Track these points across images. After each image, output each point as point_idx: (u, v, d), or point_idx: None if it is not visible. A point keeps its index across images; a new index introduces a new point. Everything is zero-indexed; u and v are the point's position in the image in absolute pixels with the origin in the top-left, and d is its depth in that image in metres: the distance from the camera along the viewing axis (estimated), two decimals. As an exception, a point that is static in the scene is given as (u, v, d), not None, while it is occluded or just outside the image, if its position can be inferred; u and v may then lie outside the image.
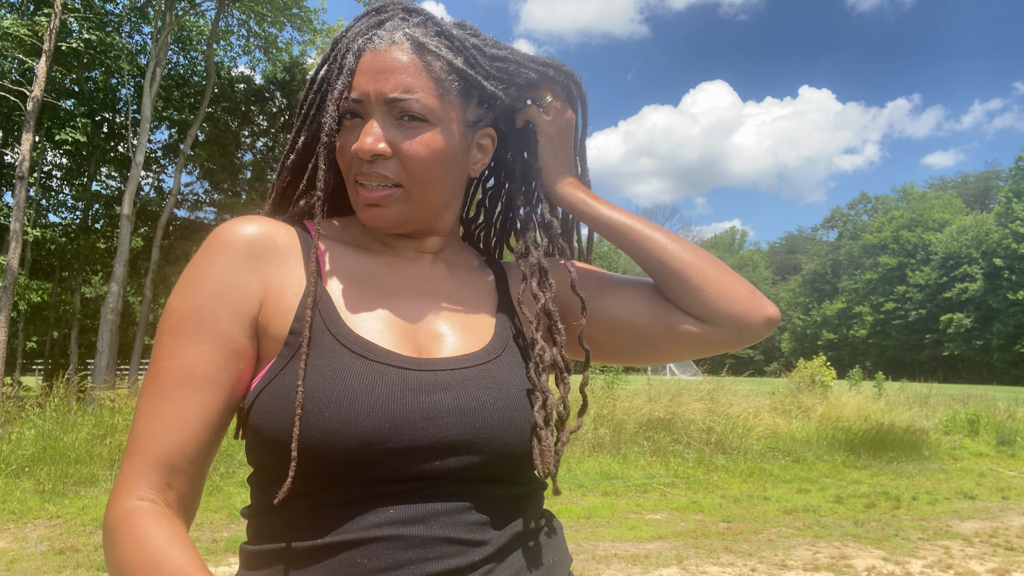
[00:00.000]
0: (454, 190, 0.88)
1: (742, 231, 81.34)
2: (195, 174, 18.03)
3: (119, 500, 0.72)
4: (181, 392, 0.75)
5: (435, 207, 0.86)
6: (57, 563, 4.20)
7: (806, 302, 67.73)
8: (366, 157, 0.80)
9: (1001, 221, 50.85)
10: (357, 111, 0.82)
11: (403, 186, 0.82)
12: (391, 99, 0.79)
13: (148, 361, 0.85)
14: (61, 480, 5.99)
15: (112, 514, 0.72)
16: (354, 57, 0.82)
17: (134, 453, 0.74)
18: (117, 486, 0.73)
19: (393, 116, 0.80)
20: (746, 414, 9.30)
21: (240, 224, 0.80)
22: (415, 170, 0.81)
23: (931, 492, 6.99)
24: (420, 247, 0.90)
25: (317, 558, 0.73)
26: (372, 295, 0.83)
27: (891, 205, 67.23)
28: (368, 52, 0.82)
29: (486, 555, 0.75)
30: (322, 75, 0.86)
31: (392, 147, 0.80)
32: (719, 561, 4.58)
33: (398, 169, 0.81)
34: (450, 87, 0.82)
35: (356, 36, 0.84)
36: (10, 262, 10.53)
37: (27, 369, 20.97)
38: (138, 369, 15.08)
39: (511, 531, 0.79)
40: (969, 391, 17.18)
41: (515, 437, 0.79)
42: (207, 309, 0.76)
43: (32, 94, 10.98)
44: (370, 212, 0.83)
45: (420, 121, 0.80)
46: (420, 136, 0.80)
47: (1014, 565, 4.63)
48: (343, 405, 0.72)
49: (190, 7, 14.66)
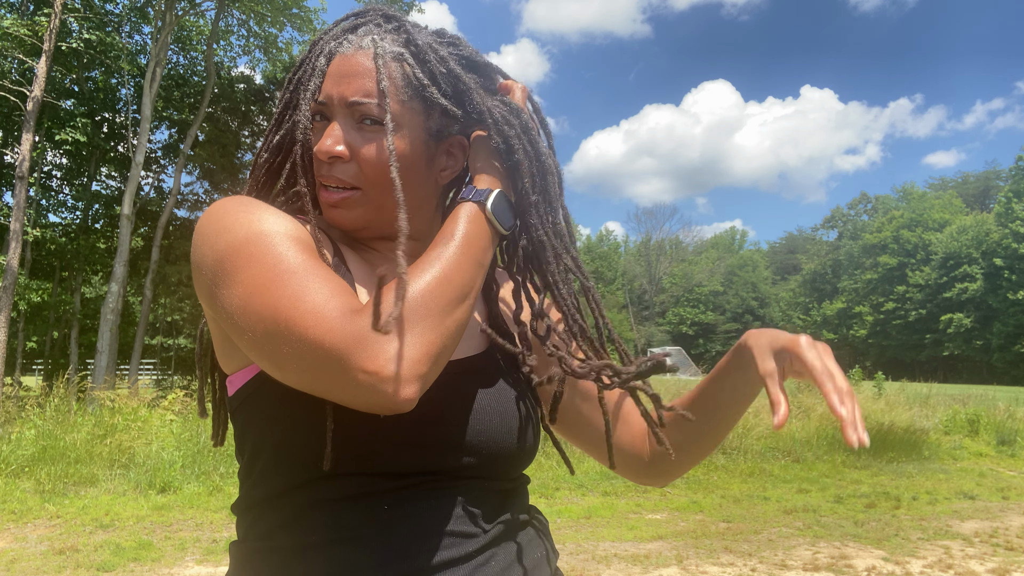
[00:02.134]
0: (419, 196, 0.87)
1: (742, 231, 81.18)
2: (195, 174, 18.02)
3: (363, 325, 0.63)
4: (326, 269, 0.70)
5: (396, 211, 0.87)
6: (57, 563, 4.20)
7: (806, 302, 67.72)
8: (324, 159, 0.81)
9: (1001, 221, 50.84)
10: (324, 113, 0.83)
11: (361, 189, 0.83)
12: (351, 102, 0.81)
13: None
14: (61, 480, 5.99)
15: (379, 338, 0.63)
16: (325, 60, 0.84)
17: (329, 295, 0.66)
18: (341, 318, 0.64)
19: (355, 119, 0.81)
20: (746, 414, 9.30)
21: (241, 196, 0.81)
22: (372, 174, 0.81)
23: (931, 492, 6.99)
24: (392, 247, 0.90)
25: (312, 554, 0.73)
26: (370, 294, 0.84)
27: (891, 205, 67.20)
28: (338, 56, 0.83)
29: (480, 545, 0.77)
30: (298, 76, 0.87)
31: (351, 150, 0.81)
32: (719, 561, 4.58)
33: (356, 172, 0.82)
34: (411, 95, 0.82)
35: (330, 39, 0.85)
36: (10, 262, 10.53)
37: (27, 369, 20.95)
38: (138, 369, 15.08)
39: (501, 523, 0.81)
40: (969, 391, 17.17)
41: (510, 439, 0.82)
42: (290, 227, 0.74)
43: (32, 94, 10.97)
44: (331, 213, 0.84)
45: (379, 126, 0.81)
46: (379, 140, 0.81)
47: (1014, 565, 4.63)
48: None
49: (190, 7, 14.65)
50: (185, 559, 4.37)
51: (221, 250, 0.72)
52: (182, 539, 4.73)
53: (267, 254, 0.69)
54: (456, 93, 0.84)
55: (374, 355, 0.62)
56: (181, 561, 4.33)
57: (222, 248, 0.72)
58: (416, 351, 0.64)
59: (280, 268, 0.68)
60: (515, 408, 0.84)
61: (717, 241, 77.97)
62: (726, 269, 68.53)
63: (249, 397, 0.77)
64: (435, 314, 0.67)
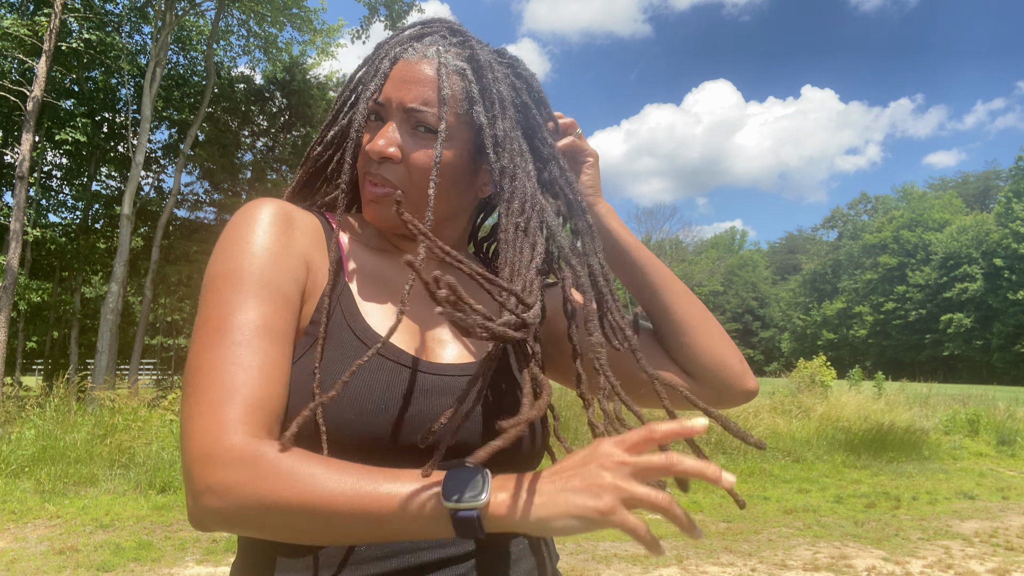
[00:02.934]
0: (457, 206, 0.90)
1: (742, 231, 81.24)
2: (195, 174, 18.01)
3: (248, 446, 0.64)
4: (261, 343, 0.71)
5: (434, 217, 0.87)
6: (57, 563, 4.20)
7: (806, 302, 67.70)
8: (375, 158, 0.84)
9: (1001, 221, 50.86)
10: (380, 113, 0.86)
11: (405, 191, 0.85)
12: (409, 108, 0.83)
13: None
14: (61, 480, 5.99)
15: (251, 470, 0.63)
16: (389, 63, 0.87)
17: (224, 401, 0.67)
18: (213, 434, 0.65)
19: (410, 125, 0.84)
20: (746, 414, 9.30)
21: (267, 201, 0.81)
22: (418, 179, 0.84)
23: (931, 492, 6.99)
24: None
25: (312, 547, 0.74)
26: (386, 294, 0.86)
27: (891, 205, 67.22)
28: (401, 61, 0.86)
29: (465, 551, 0.77)
30: (359, 75, 0.91)
31: (403, 153, 0.84)
32: (719, 561, 4.58)
33: (403, 175, 0.84)
34: (466, 109, 0.85)
35: (396, 44, 0.89)
36: (10, 262, 10.52)
37: (27, 369, 20.96)
38: (138, 369, 15.07)
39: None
40: (969, 391, 17.17)
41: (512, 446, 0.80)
42: (268, 270, 0.76)
43: (32, 94, 10.97)
44: (371, 208, 0.87)
45: (433, 134, 0.83)
46: (427, 150, 0.84)
47: (1014, 565, 4.63)
48: (359, 399, 0.74)
49: (190, 7, 14.65)
50: (185, 559, 4.37)
51: (209, 274, 0.77)
52: (182, 539, 4.73)
53: (226, 302, 0.73)
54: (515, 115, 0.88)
55: (212, 472, 0.63)
56: (181, 561, 4.33)
57: (210, 273, 0.77)
58: (245, 497, 0.62)
59: (223, 329, 0.71)
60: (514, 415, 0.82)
61: (717, 241, 77.98)
62: (726, 269, 68.55)
63: None
64: (288, 496, 0.62)
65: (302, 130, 17.60)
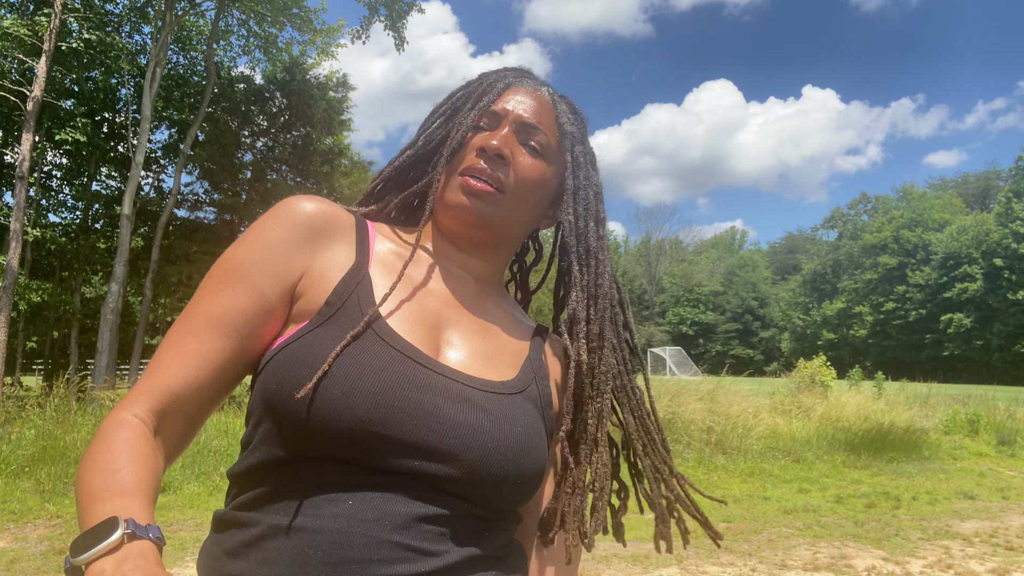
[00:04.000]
0: (528, 223, 0.96)
1: (742, 231, 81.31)
2: (195, 174, 17.98)
3: (116, 411, 0.76)
4: (208, 333, 0.79)
5: (512, 225, 0.93)
6: (57, 563, 4.20)
7: (806, 302, 67.66)
8: (491, 152, 0.88)
9: (1001, 221, 50.83)
10: (492, 122, 0.92)
11: (504, 193, 0.89)
12: (526, 123, 0.91)
13: (148, 361, 0.87)
14: (61, 480, 5.99)
15: (105, 420, 0.75)
16: (503, 85, 0.94)
17: (147, 376, 0.78)
18: (122, 400, 0.77)
19: (520, 139, 0.91)
20: (746, 414, 9.29)
21: (306, 199, 0.86)
22: (518, 185, 0.90)
23: (931, 492, 6.99)
24: (467, 265, 0.94)
25: (269, 537, 0.73)
26: (409, 292, 0.87)
27: (891, 205, 67.18)
28: (516, 85, 0.94)
29: (434, 567, 0.73)
30: (471, 88, 0.96)
31: (513, 155, 0.90)
32: (719, 561, 4.58)
33: (508, 176, 0.89)
34: (567, 147, 0.95)
35: (507, 74, 0.96)
36: (10, 262, 10.52)
37: (27, 369, 20.96)
38: (138, 369, 15.06)
39: (468, 551, 0.77)
40: (969, 391, 17.17)
41: (503, 468, 0.78)
42: (254, 265, 0.82)
43: (32, 94, 10.97)
44: (460, 200, 0.88)
45: (539, 154, 0.91)
46: (535, 162, 0.91)
47: (1014, 565, 4.63)
48: (348, 378, 0.74)
49: (190, 7, 14.65)
50: (185, 559, 4.37)
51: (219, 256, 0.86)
52: (182, 539, 4.73)
53: (205, 288, 0.82)
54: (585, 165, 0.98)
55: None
56: (181, 561, 4.33)
57: (220, 255, 0.86)
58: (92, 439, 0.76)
59: (187, 314, 0.81)
60: (519, 443, 0.80)
61: (717, 241, 78.00)
62: (726, 269, 68.54)
63: (265, 364, 0.79)
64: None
65: (302, 130, 17.59)
